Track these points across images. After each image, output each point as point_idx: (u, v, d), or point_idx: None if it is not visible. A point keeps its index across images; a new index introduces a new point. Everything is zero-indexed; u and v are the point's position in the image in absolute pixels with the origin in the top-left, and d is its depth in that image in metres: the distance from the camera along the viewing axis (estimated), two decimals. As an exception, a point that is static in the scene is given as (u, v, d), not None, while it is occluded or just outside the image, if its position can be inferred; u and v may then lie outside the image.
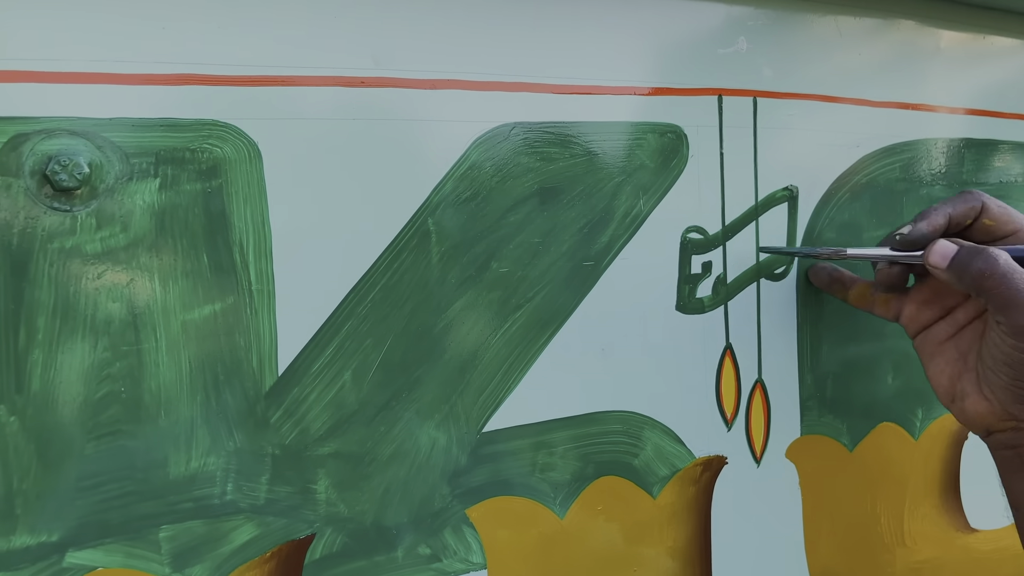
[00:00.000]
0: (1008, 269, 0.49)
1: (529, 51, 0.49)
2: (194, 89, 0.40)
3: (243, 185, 0.42)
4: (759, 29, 0.57)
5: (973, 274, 0.50)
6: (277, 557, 0.43)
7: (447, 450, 0.48)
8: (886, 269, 0.55)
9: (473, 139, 0.48)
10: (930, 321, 0.56)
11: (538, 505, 0.51)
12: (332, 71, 0.44)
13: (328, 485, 0.44)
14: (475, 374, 0.48)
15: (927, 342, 0.56)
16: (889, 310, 0.57)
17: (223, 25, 0.41)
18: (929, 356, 0.56)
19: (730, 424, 0.57)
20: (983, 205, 0.54)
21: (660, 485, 0.55)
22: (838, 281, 0.59)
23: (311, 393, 0.44)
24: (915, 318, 0.56)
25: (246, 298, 0.42)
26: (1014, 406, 0.51)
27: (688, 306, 0.55)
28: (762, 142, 0.57)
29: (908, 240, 0.53)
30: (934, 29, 0.64)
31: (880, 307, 0.58)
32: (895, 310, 0.57)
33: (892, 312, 0.57)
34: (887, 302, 0.57)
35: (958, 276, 0.51)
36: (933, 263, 0.52)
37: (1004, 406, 0.51)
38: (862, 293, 0.58)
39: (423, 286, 0.47)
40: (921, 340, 0.56)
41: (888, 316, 0.58)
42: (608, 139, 0.52)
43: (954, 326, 0.55)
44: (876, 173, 0.62)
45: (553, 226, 0.50)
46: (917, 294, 0.56)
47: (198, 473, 0.41)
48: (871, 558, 0.64)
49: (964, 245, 0.52)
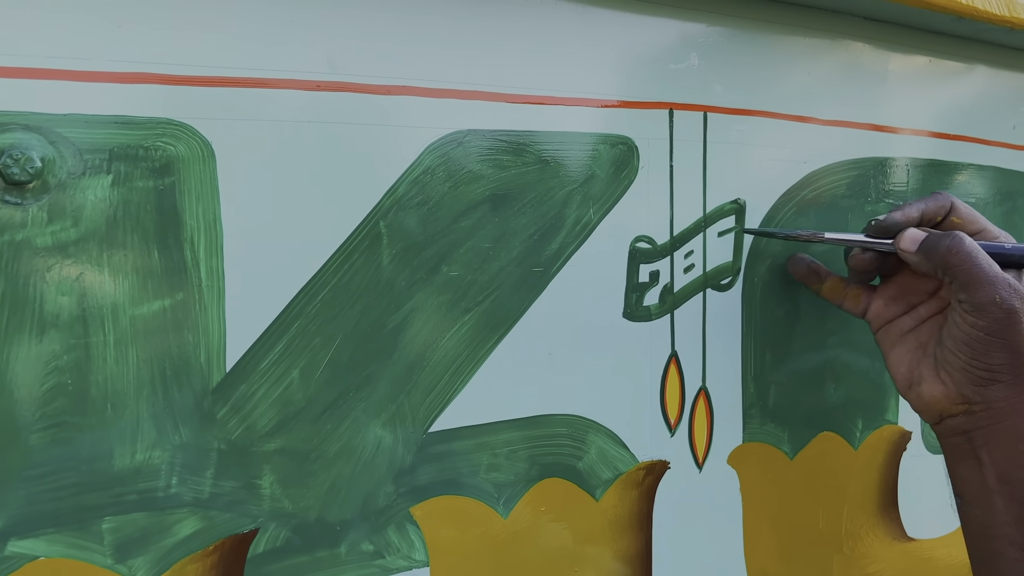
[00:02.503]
0: (973, 249, 0.53)
1: (484, 60, 0.50)
2: (149, 88, 0.41)
3: (196, 184, 0.42)
4: (710, 46, 0.58)
5: (941, 251, 0.54)
6: (220, 550, 0.44)
7: (393, 449, 0.49)
8: (859, 254, 0.59)
9: (427, 144, 0.49)
10: (895, 316, 0.60)
11: (482, 505, 0.52)
12: (287, 74, 0.44)
13: (273, 481, 0.45)
14: (423, 375, 0.49)
15: (889, 334, 0.60)
16: (858, 304, 0.61)
17: (179, 25, 0.42)
18: (890, 346, 0.59)
19: (673, 430, 0.59)
20: (952, 204, 0.59)
21: (603, 488, 0.56)
22: (815, 273, 0.62)
23: (258, 390, 0.44)
24: (881, 313, 0.60)
25: (196, 295, 0.43)
26: (968, 387, 0.54)
27: (635, 314, 0.57)
28: (711, 156, 0.59)
29: (882, 226, 0.57)
30: (882, 51, 0.66)
31: (850, 302, 0.61)
32: (864, 305, 0.61)
33: (861, 307, 0.61)
34: (857, 297, 0.61)
35: (927, 255, 0.55)
36: (904, 247, 0.56)
37: (959, 388, 0.54)
38: (835, 287, 0.61)
39: (373, 287, 0.48)
40: (884, 333, 0.60)
41: (856, 311, 0.61)
42: (560, 149, 0.53)
43: (916, 320, 0.59)
44: (822, 189, 0.64)
45: (504, 232, 0.51)
46: (884, 291, 0.60)
47: (143, 466, 0.42)
48: (809, 564, 0.66)
49: (932, 232, 0.56)
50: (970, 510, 0.55)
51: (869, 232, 0.58)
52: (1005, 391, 0.53)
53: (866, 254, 0.58)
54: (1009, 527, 0.53)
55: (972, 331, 0.53)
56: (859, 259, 0.59)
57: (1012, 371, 0.53)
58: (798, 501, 0.65)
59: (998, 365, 0.53)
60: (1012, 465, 0.53)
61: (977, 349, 0.53)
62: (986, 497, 0.54)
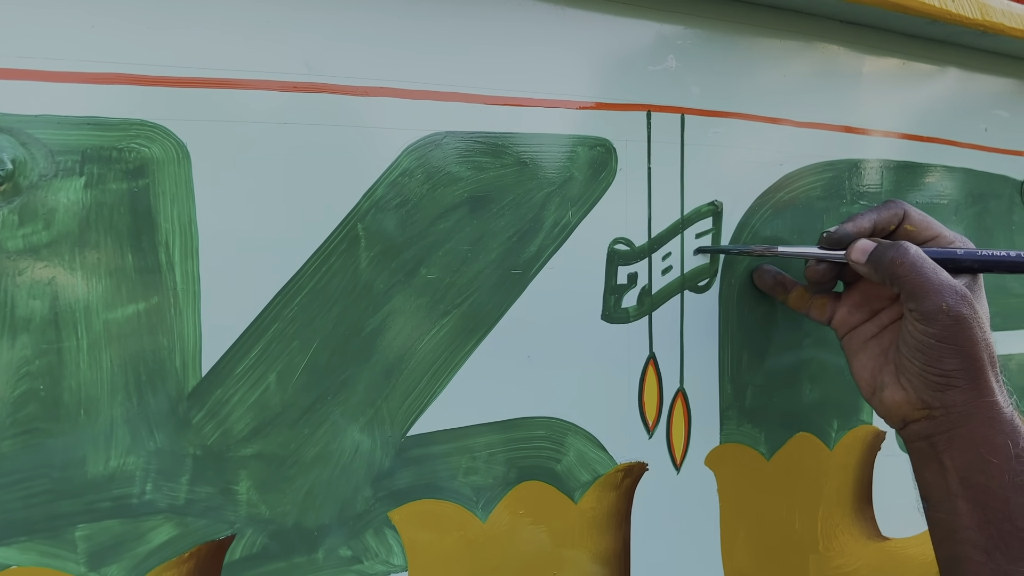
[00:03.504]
0: (918, 259, 0.54)
1: (462, 61, 0.50)
2: (122, 88, 0.40)
3: (170, 186, 0.42)
4: (688, 48, 0.58)
5: (886, 263, 0.54)
6: (196, 557, 0.43)
7: (371, 453, 0.48)
8: (814, 266, 0.59)
9: (405, 146, 0.48)
10: (858, 323, 0.60)
11: (461, 509, 0.51)
12: (264, 75, 0.44)
13: (250, 486, 0.45)
14: (401, 378, 0.49)
15: (854, 341, 0.60)
16: (824, 313, 0.62)
17: (153, 25, 0.41)
18: (854, 353, 0.60)
19: (651, 431, 0.59)
20: (905, 212, 0.59)
21: (582, 490, 0.56)
22: (781, 284, 0.62)
23: (234, 394, 0.44)
24: (845, 320, 0.61)
25: (171, 298, 0.42)
26: (926, 392, 0.54)
27: (613, 316, 0.57)
28: (689, 158, 0.59)
29: (833, 238, 0.58)
30: (856, 54, 0.67)
31: (816, 310, 0.62)
32: (829, 313, 0.61)
33: (826, 315, 0.62)
34: (822, 306, 0.62)
35: (875, 267, 0.55)
36: (854, 258, 0.57)
37: (918, 393, 0.55)
38: (800, 296, 0.62)
39: (351, 290, 0.47)
40: (848, 339, 0.61)
41: (822, 319, 0.62)
42: (539, 150, 0.53)
43: (879, 326, 0.60)
44: (798, 191, 0.65)
45: (482, 234, 0.51)
46: (848, 298, 0.61)
47: (117, 472, 0.41)
48: (785, 563, 0.66)
49: (880, 241, 0.56)
50: (935, 514, 0.56)
51: (822, 244, 0.59)
52: (962, 395, 0.53)
53: (820, 265, 0.59)
54: (973, 531, 0.54)
55: (924, 338, 0.53)
56: (814, 270, 0.59)
57: (966, 376, 0.53)
58: (775, 501, 0.65)
59: (952, 371, 0.53)
60: (974, 469, 0.53)
61: (930, 355, 0.53)
62: (950, 501, 0.55)
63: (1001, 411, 0.53)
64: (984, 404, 0.53)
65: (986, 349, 0.54)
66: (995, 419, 0.53)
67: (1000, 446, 0.53)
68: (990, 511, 0.53)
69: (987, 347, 0.54)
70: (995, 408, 0.53)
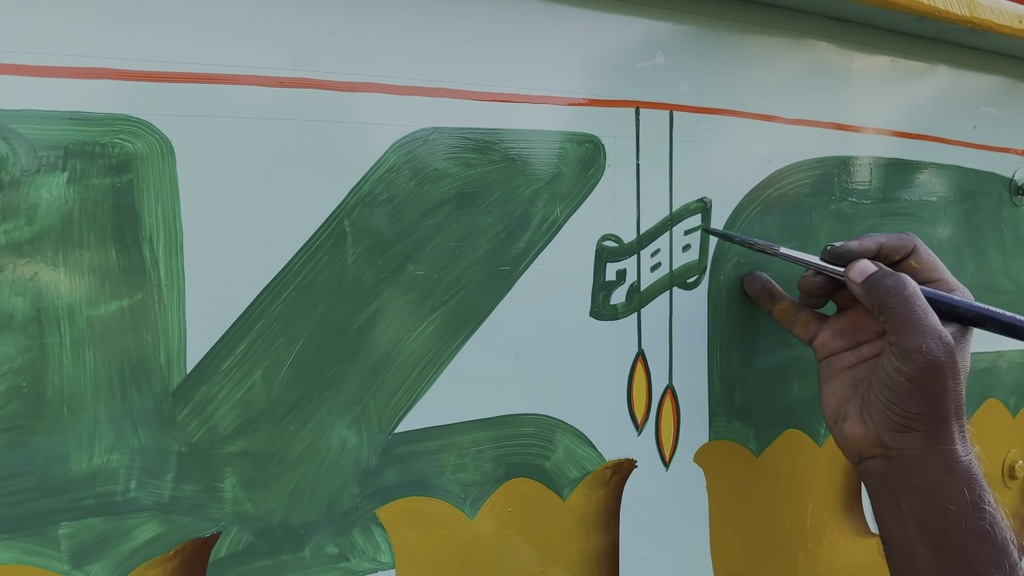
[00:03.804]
0: (913, 295, 0.53)
1: (450, 57, 0.50)
2: (106, 83, 0.40)
3: (155, 181, 0.41)
4: (676, 45, 0.58)
5: (881, 290, 0.54)
6: (181, 555, 0.43)
7: (358, 450, 0.48)
8: (810, 277, 0.59)
9: (392, 142, 0.48)
10: (839, 350, 0.59)
11: (449, 506, 0.51)
12: (250, 70, 0.44)
13: (235, 484, 0.44)
14: (388, 375, 0.49)
15: (830, 367, 0.59)
16: (807, 332, 0.61)
17: (137, 20, 0.41)
18: (827, 379, 0.59)
19: (640, 428, 0.59)
20: (915, 247, 0.59)
21: (570, 487, 0.56)
22: (768, 293, 0.61)
23: (220, 391, 0.44)
24: (827, 344, 0.60)
25: (155, 295, 0.42)
26: (885, 431, 0.54)
27: (602, 313, 0.56)
28: (678, 154, 0.59)
29: (837, 252, 0.57)
30: (845, 51, 0.67)
31: (799, 327, 0.61)
32: (812, 333, 0.60)
33: (809, 335, 0.61)
34: (807, 324, 0.61)
35: (868, 290, 0.54)
36: (851, 276, 0.56)
37: (877, 431, 0.54)
38: (786, 310, 0.61)
39: (338, 287, 0.47)
40: (825, 364, 0.60)
41: (804, 338, 0.61)
42: (527, 147, 0.53)
43: (858, 358, 0.59)
44: (787, 188, 0.65)
45: (470, 230, 0.51)
46: (834, 323, 0.60)
47: (101, 470, 0.41)
48: (774, 560, 0.66)
49: (883, 268, 0.55)
50: (896, 556, 0.56)
51: (824, 256, 0.58)
52: (920, 440, 0.53)
53: (817, 277, 0.58)
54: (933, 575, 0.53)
55: (896, 375, 0.53)
56: (809, 281, 0.59)
57: (927, 422, 0.53)
58: (764, 498, 0.65)
59: (915, 413, 0.53)
60: (930, 514, 0.53)
61: (897, 394, 0.53)
62: (908, 545, 0.54)
63: (958, 459, 0.53)
64: (940, 452, 0.53)
65: (954, 400, 0.53)
66: (951, 467, 0.53)
67: (956, 493, 0.53)
68: (948, 557, 0.53)
69: (956, 398, 0.53)
70: (951, 456, 0.53)
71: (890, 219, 0.71)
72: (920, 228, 0.73)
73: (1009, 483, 0.84)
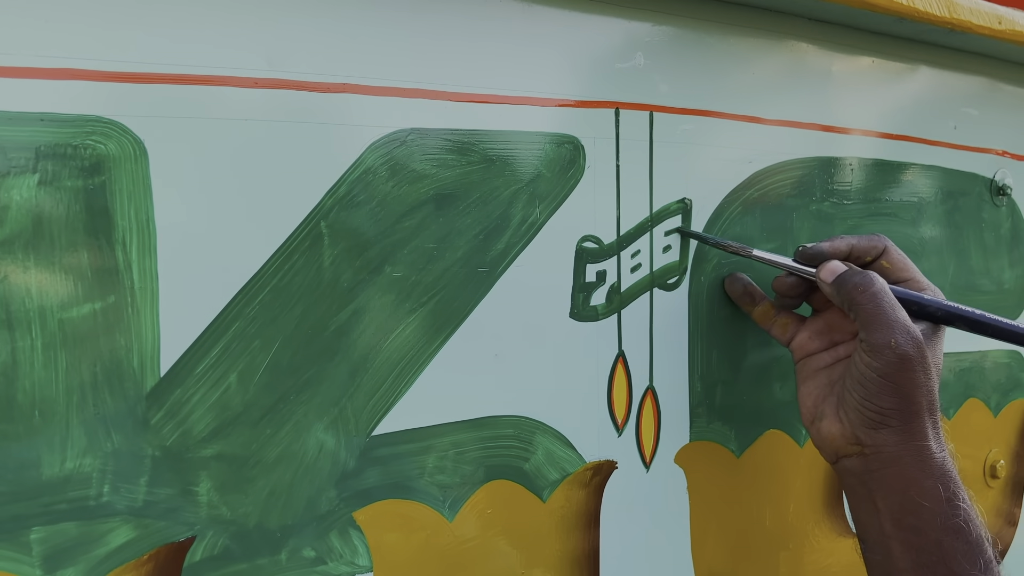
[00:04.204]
0: (880, 291, 0.54)
1: (428, 58, 0.50)
2: (77, 84, 0.40)
3: (127, 183, 0.41)
4: (656, 46, 0.58)
5: (850, 287, 0.54)
6: (155, 560, 0.42)
7: (335, 453, 0.48)
8: (783, 278, 0.59)
9: (369, 143, 0.48)
10: (816, 350, 0.60)
11: (427, 508, 0.51)
12: (224, 70, 0.43)
13: (210, 487, 0.44)
14: (366, 377, 0.49)
15: (807, 367, 0.60)
16: (785, 333, 0.61)
17: (109, 20, 0.40)
18: (804, 379, 0.60)
19: (621, 430, 0.59)
20: (885, 248, 0.60)
21: (550, 489, 0.56)
22: (749, 295, 0.62)
23: (194, 394, 0.43)
24: (804, 345, 0.61)
25: (128, 297, 0.41)
26: (860, 428, 0.54)
27: (582, 314, 0.56)
28: (658, 155, 0.59)
29: (808, 253, 0.58)
30: (825, 51, 0.67)
31: (778, 329, 0.62)
32: (790, 335, 0.61)
33: (787, 336, 0.61)
34: (785, 326, 0.61)
35: (838, 289, 0.55)
36: (822, 276, 0.57)
37: (853, 428, 0.55)
38: (766, 312, 0.62)
39: (314, 289, 0.47)
40: (802, 365, 0.61)
41: (782, 339, 0.62)
42: (505, 148, 0.52)
43: (834, 357, 0.60)
44: (768, 188, 0.65)
45: (448, 232, 0.51)
46: (811, 324, 0.61)
47: (73, 474, 0.40)
48: (756, 561, 0.66)
49: (852, 267, 0.56)
50: (872, 555, 0.56)
51: (796, 258, 0.59)
52: (894, 436, 0.53)
53: (789, 278, 0.59)
54: (908, 574, 0.53)
55: (867, 371, 0.54)
56: (782, 282, 0.60)
57: (900, 417, 0.53)
58: (745, 499, 0.65)
59: (887, 409, 0.53)
60: (905, 511, 0.53)
61: (870, 390, 0.53)
62: (884, 543, 0.54)
63: (932, 456, 0.53)
64: (914, 447, 0.53)
65: (926, 395, 0.54)
66: (925, 463, 0.53)
67: (930, 489, 0.53)
68: (924, 554, 0.53)
69: (928, 393, 0.54)
70: (925, 452, 0.53)
71: (871, 220, 0.71)
72: (901, 228, 0.73)
73: (991, 482, 0.84)
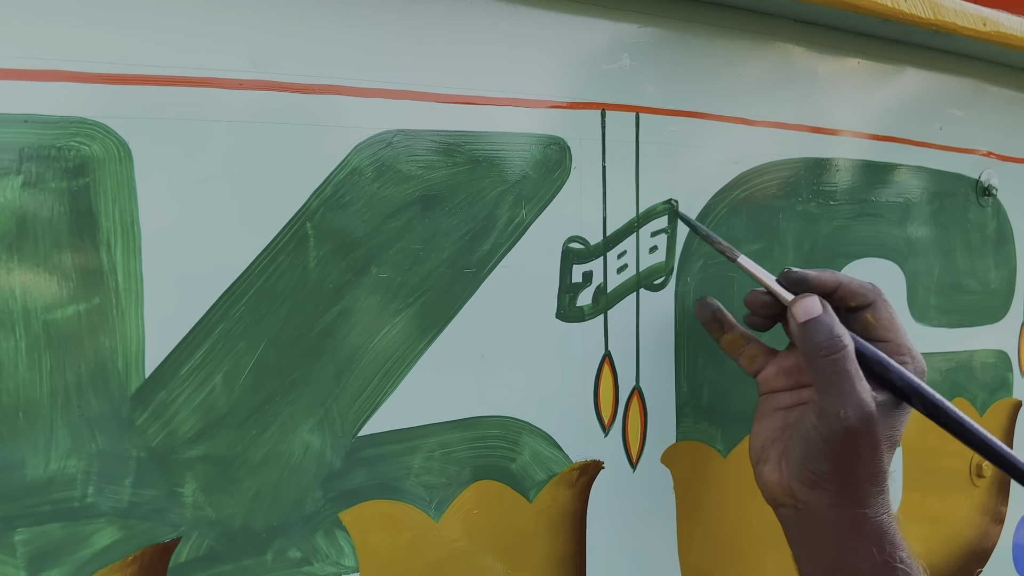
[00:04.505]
0: (844, 359, 0.52)
1: (414, 59, 0.50)
2: (61, 86, 0.40)
3: (112, 184, 0.41)
4: (642, 47, 0.58)
5: (813, 346, 0.52)
6: (140, 561, 0.43)
7: (321, 454, 0.48)
8: (759, 293, 0.57)
9: (354, 144, 0.48)
10: (780, 388, 0.58)
11: (413, 509, 0.51)
12: (208, 72, 0.43)
13: (196, 488, 0.44)
14: (352, 378, 0.49)
15: (766, 404, 0.58)
16: (752, 364, 0.59)
17: (93, 21, 0.40)
18: (760, 416, 0.58)
19: (607, 430, 0.59)
20: (874, 303, 0.56)
21: (536, 489, 0.56)
22: (718, 321, 0.60)
23: (179, 396, 0.43)
24: (769, 381, 0.59)
25: (112, 299, 0.41)
26: (796, 484, 0.53)
27: (568, 314, 0.57)
28: (644, 156, 0.59)
29: (791, 278, 0.55)
30: (811, 53, 0.67)
31: (745, 360, 0.59)
32: (757, 367, 0.59)
33: (754, 368, 0.59)
34: (753, 358, 0.59)
35: (802, 338, 0.53)
36: (794, 310, 0.54)
37: (790, 480, 0.54)
38: (735, 340, 0.59)
39: (300, 290, 0.47)
40: (763, 400, 0.59)
41: (750, 370, 0.59)
42: (492, 149, 0.53)
43: (795, 400, 0.57)
44: (754, 189, 0.65)
45: (434, 233, 0.51)
46: (781, 360, 0.58)
47: (57, 475, 0.40)
48: (743, 561, 0.66)
49: (831, 315, 0.53)
50: None
51: (780, 278, 0.56)
52: (827, 499, 0.53)
53: (765, 296, 0.57)
54: None
55: (812, 432, 0.52)
56: (755, 297, 0.57)
57: (836, 484, 0.52)
58: (732, 499, 0.66)
59: (824, 473, 0.52)
60: (836, 570, 0.53)
61: (810, 449, 0.52)
62: None
63: (866, 520, 0.52)
64: (847, 514, 0.52)
65: (869, 468, 0.52)
66: (858, 528, 0.52)
67: (863, 550, 0.52)
68: None
69: (871, 467, 0.52)
70: (859, 518, 0.52)
71: (857, 220, 0.71)
72: (888, 229, 0.74)
73: (977, 481, 0.84)
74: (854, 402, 0.51)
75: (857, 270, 0.71)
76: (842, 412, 0.51)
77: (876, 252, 0.73)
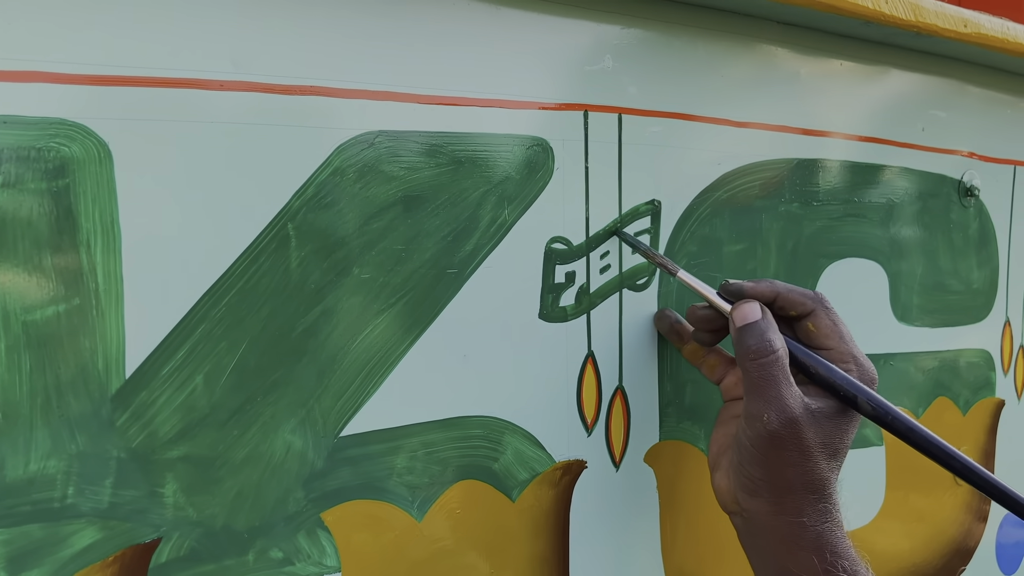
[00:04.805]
0: (773, 362, 0.52)
1: (396, 60, 0.50)
2: (40, 87, 0.40)
3: (92, 185, 0.41)
4: (625, 48, 0.59)
5: (743, 349, 0.53)
6: (120, 561, 0.43)
7: (303, 454, 0.48)
8: (697, 308, 0.58)
9: (336, 145, 0.48)
10: (739, 396, 0.58)
11: (396, 509, 0.51)
12: (189, 73, 0.44)
13: (176, 489, 0.44)
14: (334, 378, 0.49)
15: (726, 412, 0.59)
16: (713, 373, 0.60)
17: (73, 22, 0.40)
18: (719, 423, 0.59)
19: (590, 429, 0.59)
20: (815, 311, 0.55)
21: (519, 489, 0.56)
22: (677, 333, 0.60)
23: (160, 396, 0.43)
24: (730, 390, 0.59)
25: (92, 299, 0.41)
26: (739, 491, 0.54)
27: (551, 315, 0.57)
28: (627, 157, 0.59)
29: (729, 289, 0.56)
30: (794, 54, 0.68)
31: (707, 369, 0.60)
32: (718, 376, 0.60)
33: (716, 377, 0.60)
34: (713, 367, 0.60)
35: (738, 339, 0.53)
36: (733, 316, 0.54)
37: (734, 488, 0.54)
38: (696, 350, 0.60)
39: (281, 290, 0.47)
40: (725, 408, 0.59)
41: (712, 379, 0.60)
42: (474, 150, 0.53)
43: None
44: (736, 190, 0.65)
45: (417, 233, 0.51)
46: None
47: (37, 476, 0.40)
48: (727, 560, 0.67)
49: (768, 321, 0.54)
50: None
51: (719, 290, 0.57)
52: (766, 507, 0.53)
53: (705, 310, 0.57)
54: None
55: (742, 437, 0.53)
56: (694, 312, 0.58)
57: (770, 491, 0.52)
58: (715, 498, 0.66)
59: (757, 479, 0.53)
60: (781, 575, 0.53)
61: (743, 456, 0.53)
62: None
63: (805, 529, 0.52)
64: (785, 521, 0.52)
65: (802, 476, 0.52)
66: (798, 536, 0.52)
67: (804, 560, 0.52)
68: None
69: (805, 474, 0.52)
70: (797, 527, 0.52)
71: (840, 221, 0.72)
72: (870, 230, 0.74)
73: (960, 481, 0.85)
74: (778, 407, 0.51)
75: (840, 270, 0.72)
76: (766, 416, 0.51)
77: (859, 252, 0.74)
